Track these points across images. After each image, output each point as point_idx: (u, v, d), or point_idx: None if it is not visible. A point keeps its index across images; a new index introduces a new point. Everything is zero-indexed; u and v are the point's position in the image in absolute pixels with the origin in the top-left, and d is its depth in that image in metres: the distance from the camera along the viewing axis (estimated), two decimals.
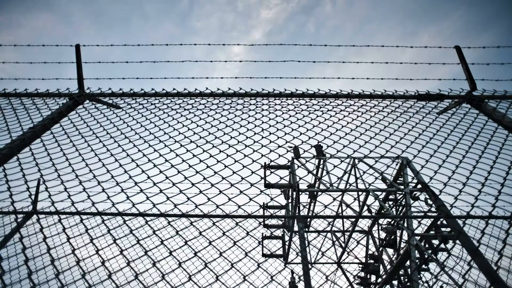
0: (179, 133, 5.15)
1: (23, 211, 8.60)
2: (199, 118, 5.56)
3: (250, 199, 4.05)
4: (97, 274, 3.47)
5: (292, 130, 5.31)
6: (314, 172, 9.82)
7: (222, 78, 6.56)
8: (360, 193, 9.56)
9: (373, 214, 9.79)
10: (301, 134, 5.11)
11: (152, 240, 4.44)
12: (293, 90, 6.60)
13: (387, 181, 8.79)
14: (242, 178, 4.24)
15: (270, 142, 5.12)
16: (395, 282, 9.13)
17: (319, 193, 9.67)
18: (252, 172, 4.40)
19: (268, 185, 8.78)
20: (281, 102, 6.04)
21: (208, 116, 5.66)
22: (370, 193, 8.60)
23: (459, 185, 4.44)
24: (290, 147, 5.23)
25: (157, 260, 3.61)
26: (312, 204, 10.40)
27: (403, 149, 5.25)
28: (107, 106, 6.14)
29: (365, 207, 9.77)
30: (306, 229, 11.88)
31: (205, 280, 7.41)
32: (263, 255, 11.01)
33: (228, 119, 5.56)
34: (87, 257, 3.75)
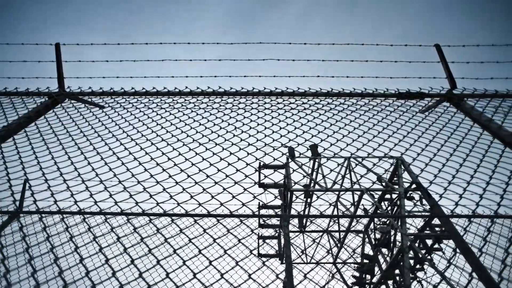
0: (152, 131, 5.16)
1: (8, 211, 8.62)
2: (174, 116, 5.57)
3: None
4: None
5: (262, 126, 5.30)
6: (309, 172, 9.75)
7: (201, 76, 6.56)
8: (355, 193, 9.51)
9: (368, 214, 9.76)
10: (270, 131, 5.10)
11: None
12: (272, 89, 6.60)
13: (383, 181, 8.73)
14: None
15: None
16: (391, 282, 9.08)
17: (315, 193, 9.64)
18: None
19: (262, 185, 8.80)
20: (258, 100, 6.04)
21: (184, 114, 5.67)
22: (365, 193, 8.53)
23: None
24: (286, 147, 5.25)
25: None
26: (308, 204, 10.39)
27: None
28: (84, 105, 6.16)
29: (361, 207, 9.74)
30: (302, 229, 11.90)
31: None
32: (259, 254, 11.01)
33: (201, 116, 5.56)
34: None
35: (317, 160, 8.65)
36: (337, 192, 9.78)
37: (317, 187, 9.92)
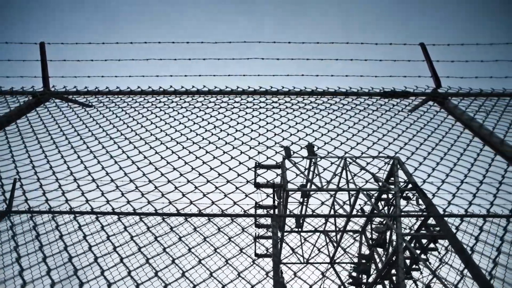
0: (131, 131, 5.15)
1: None
2: (155, 116, 5.57)
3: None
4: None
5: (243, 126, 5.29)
6: (306, 172, 9.68)
7: (186, 76, 6.56)
8: (351, 192, 9.45)
9: (365, 214, 9.71)
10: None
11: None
12: (256, 88, 6.59)
13: (379, 181, 8.65)
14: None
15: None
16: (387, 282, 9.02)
17: (311, 192, 9.59)
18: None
19: (258, 185, 8.78)
20: (241, 99, 6.04)
21: (164, 113, 5.67)
22: (361, 193, 8.47)
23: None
24: (282, 146, 5.24)
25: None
26: (305, 203, 10.35)
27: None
28: (67, 104, 6.17)
29: (358, 207, 9.69)
30: (300, 229, 11.88)
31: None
32: (256, 254, 11.03)
33: (183, 117, 5.56)
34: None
35: (312, 159, 8.56)
36: (333, 192, 9.78)
37: (313, 186, 9.87)
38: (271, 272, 3.09)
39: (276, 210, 10.57)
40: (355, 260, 10.90)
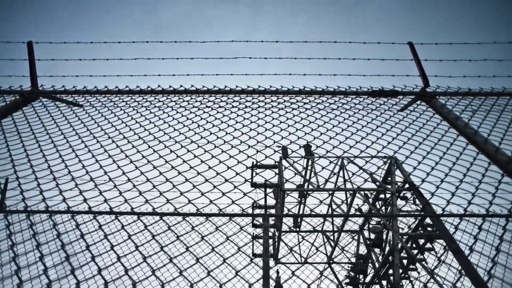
0: (116, 130, 5.15)
1: None
2: (140, 115, 5.57)
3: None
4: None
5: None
6: (303, 172, 9.63)
7: (173, 75, 6.56)
8: (348, 193, 9.41)
9: (362, 213, 9.67)
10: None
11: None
12: (244, 87, 6.59)
13: (376, 180, 8.63)
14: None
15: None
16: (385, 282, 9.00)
17: (308, 192, 9.58)
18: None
19: (254, 185, 8.78)
20: (228, 99, 6.03)
21: (150, 113, 5.67)
22: (358, 193, 8.43)
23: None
24: (279, 146, 5.25)
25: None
26: (302, 203, 10.35)
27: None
28: (54, 103, 6.18)
29: (356, 207, 9.66)
30: (297, 229, 11.87)
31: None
32: (253, 254, 11.05)
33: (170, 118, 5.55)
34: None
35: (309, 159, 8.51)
36: (330, 192, 9.75)
37: (310, 186, 9.85)
38: (240, 271, 3.07)
39: (272, 210, 10.56)
40: (353, 260, 10.88)
